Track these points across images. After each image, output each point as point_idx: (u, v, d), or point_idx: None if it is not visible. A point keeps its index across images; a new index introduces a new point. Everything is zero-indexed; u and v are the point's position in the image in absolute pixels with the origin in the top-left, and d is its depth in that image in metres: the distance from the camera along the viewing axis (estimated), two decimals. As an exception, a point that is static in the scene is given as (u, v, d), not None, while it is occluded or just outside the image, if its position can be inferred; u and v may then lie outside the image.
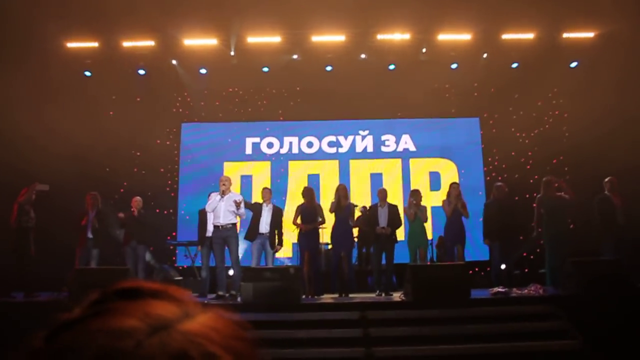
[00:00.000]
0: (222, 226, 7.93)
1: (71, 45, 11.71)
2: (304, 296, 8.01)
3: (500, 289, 7.52)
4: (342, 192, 8.82)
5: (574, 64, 12.26)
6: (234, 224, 8.07)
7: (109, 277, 6.61)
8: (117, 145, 12.05)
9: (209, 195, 8.53)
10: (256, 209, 8.76)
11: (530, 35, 11.67)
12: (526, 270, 11.00)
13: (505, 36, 11.69)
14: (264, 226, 8.64)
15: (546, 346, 5.82)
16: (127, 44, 11.75)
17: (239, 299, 7.12)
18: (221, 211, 7.86)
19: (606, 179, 8.85)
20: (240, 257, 8.39)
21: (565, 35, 11.66)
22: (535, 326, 6.20)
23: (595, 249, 8.88)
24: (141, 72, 12.38)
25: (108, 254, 9.65)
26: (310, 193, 8.86)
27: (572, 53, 12.03)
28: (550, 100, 12.87)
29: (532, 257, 11.59)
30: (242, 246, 8.84)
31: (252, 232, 8.63)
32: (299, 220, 8.70)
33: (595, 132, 10.92)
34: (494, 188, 9.20)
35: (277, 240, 8.75)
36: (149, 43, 11.83)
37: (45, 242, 8.92)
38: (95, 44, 11.77)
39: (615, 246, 8.48)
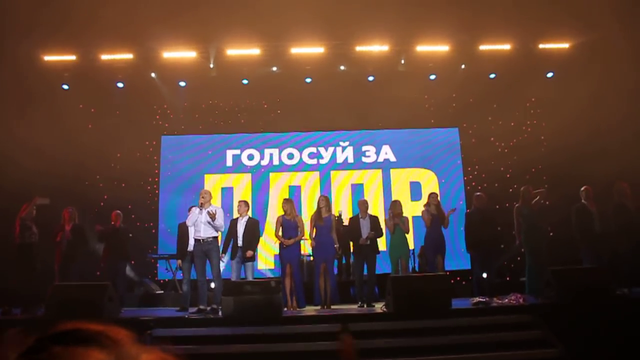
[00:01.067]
0: (203, 240, 7.91)
1: (48, 58, 11.63)
2: (285, 309, 8.00)
3: (481, 299, 7.56)
4: (323, 204, 8.83)
5: (550, 74, 12.45)
6: (215, 237, 8.04)
7: (87, 293, 6.54)
8: (96, 158, 11.94)
9: (190, 210, 8.51)
10: (232, 225, 8.75)
11: (507, 46, 11.83)
12: (507, 278, 11.09)
13: (483, 47, 11.84)
14: (239, 239, 8.62)
15: (527, 355, 5.85)
16: (105, 57, 11.69)
17: (220, 313, 7.07)
18: (201, 225, 7.83)
19: (582, 188, 8.97)
20: (221, 271, 8.35)
21: (541, 46, 11.85)
22: (515, 336, 6.23)
23: (574, 257, 8.98)
24: (120, 85, 12.31)
25: (87, 269, 9.55)
26: (290, 205, 8.86)
27: (548, 63, 12.21)
28: (528, 110, 13.04)
29: (512, 265, 11.68)
30: (224, 260, 8.79)
31: (234, 249, 8.60)
32: (280, 233, 8.69)
33: (572, 141, 11.08)
34: (474, 198, 9.28)
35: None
36: (128, 56, 11.78)
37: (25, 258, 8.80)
38: (73, 57, 11.70)
39: (594, 254, 8.59)
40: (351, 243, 9.21)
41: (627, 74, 10.35)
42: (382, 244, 9.36)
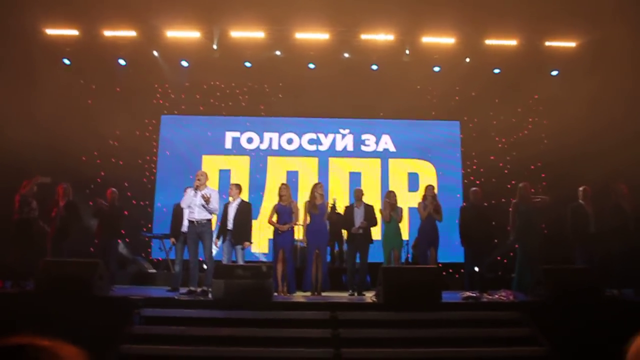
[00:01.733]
0: (196, 222, 7.90)
1: (51, 32, 11.53)
2: (276, 294, 8.01)
3: (471, 294, 7.56)
4: (318, 191, 8.81)
5: (554, 73, 12.39)
6: (209, 220, 8.03)
7: (77, 269, 6.53)
8: (94, 135, 11.87)
9: (185, 190, 8.48)
10: (225, 209, 8.73)
11: (513, 42, 11.75)
12: (499, 273, 11.11)
13: (489, 42, 11.76)
14: (229, 222, 8.61)
15: (514, 352, 5.86)
16: (108, 33, 11.60)
17: (210, 296, 7.07)
18: (195, 207, 7.82)
19: (580, 188, 8.95)
20: (214, 254, 8.35)
21: (547, 43, 11.77)
22: (504, 332, 6.24)
23: (567, 256, 8.98)
24: (122, 62, 12.23)
25: (81, 246, 9.54)
26: (286, 191, 8.84)
27: (553, 61, 12.15)
28: (530, 107, 12.98)
29: (505, 260, 11.68)
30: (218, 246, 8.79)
31: (224, 233, 8.60)
32: (274, 219, 8.68)
33: (573, 140, 11.04)
34: (470, 193, 9.27)
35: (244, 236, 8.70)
36: (131, 33, 11.69)
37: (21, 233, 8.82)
38: (76, 32, 11.60)
39: (587, 254, 8.59)
40: (344, 231, 9.21)
41: (632, 75, 10.28)
42: (376, 233, 9.35)
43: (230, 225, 8.61)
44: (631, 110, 10.35)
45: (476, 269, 8.87)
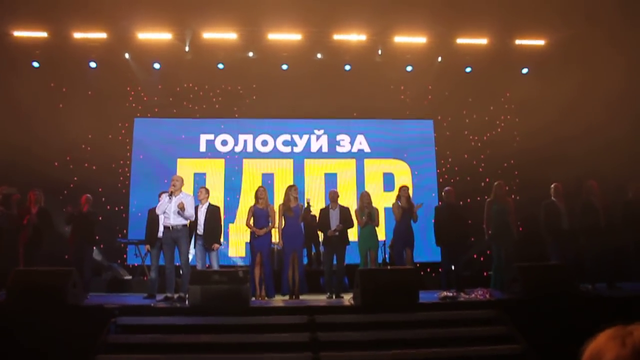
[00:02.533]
0: (172, 227, 7.82)
1: (18, 34, 11.33)
2: (254, 298, 7.98)
3: (448, 293, 7.62)
4: (293, 194, 8.79)
5: (525, 70, 12.56)
6: (185, 225, 7.95)
7: (50, 278, 6.42)
8: (66, 139, 11.69)
9: (160, 196, 8.39)
10: (195, 212, 8.67)
11: (483, 41, 11.89)
12: (476, 271, 11.22)
13: (460, 40, 11.89)
14: (200, 227, 8.56)
15: (491, 351, 5.91)
16: (78, 35, 11.44)
17: (187, 302, 7.01)
18: (171, 212, 7.74)
19: (552, 185, 9.09)
20: (190, 259, 8.29)
21: (517, 42, 11.93)
22: (481, 331, 6.30)
23: (542, 254, 9.11)
24: (92, 64, 12.06)
25: (55, 253, 9.40)
26: (263, 194, 8.79)
27: (523, 59, 12.33)
28: (502, 105, 13.13)
29: (482, 258, 11.81)
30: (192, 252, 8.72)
31: (195, 237, 8.54)
32: (251, 222, 8.64)
33: (544, 137, 11.21)
34: (444, 192, 9.33)
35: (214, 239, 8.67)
36: (101, 35, 11.54)
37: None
38: (45, 34, 11.42)
39: (560, 251, 8.73)
40: (320, 233, 9.20)
41: (602, 71, 10.46)
42: (352, 234, 9.36)
43: (200, 230, 8.56)
44: (602, 106, 10.54)
45: (452, 267, 8.94)
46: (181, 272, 8.13)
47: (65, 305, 6.29)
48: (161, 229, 8.26)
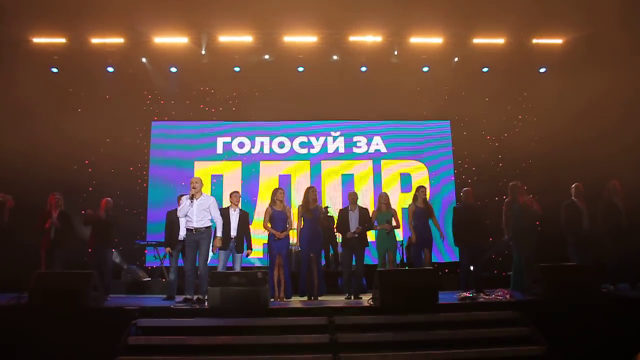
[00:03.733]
0: (195, 229, 7.77)
1: (38, 40, 11.46)
2: (272, 300, 7.98)
3: (467, 294, 7.57)
4: (311, 195, 8.78)
5: (542, 70, 12.44)
6: (208, 227, 7.88)
7: (71, 281, 6.47)
8: (85, 143, 11.81)
9: (179, 199, 8.38)
10: (224, 215, 8.65)
11: (500, 41, 11.81)
12: (495, 272, 11.13)
13: (476, 41, 11.82)
14: (232, 231, 8.57)
15: (513, 352, 5.85)
16: (95, 40, 11.56)
17: (206, 304, 7.03)
18: (194, 215, 7.71)
19: (573, 185, 8.98)
20: (209, 260, 8.29)
21: (534, 41, 11.83)
22: (502, 332, 6.23)
23: (562, 254, 9.00)
24: (110, 69, 12.18)
25: (74, 256, 9.48)
26: (280, 195, 8.78)
27: (541, 59, 12.22)
28: (519, 105, 13.03)
29: (500, 259, 11.72)
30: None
31: (225, 240, 8.50)
32: (269, 224, 8.63)
33: (563, 136, 11.09)
34: (462, 193, 9.26)
35: (245, 245, 8.71)
36: (118, 40, 11.64)
37: (9, 243, 8.75)
38: (63, 40, 11.54)
39: (581, 251, 8.62)
40: (338, 234, 9.18)
41: (621, 70, 10.35)
42: (370, 235, 9.34)
43: (234, 233, 8.58)
44: (622, 106, 10.42)
45: (471, 268, 8.87)
46: (198, 273, 8.09)
47: (86, 308, 6.34)
48: (182, 232, 8.24)
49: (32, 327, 5.93)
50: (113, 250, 9.35)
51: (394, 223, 8.91)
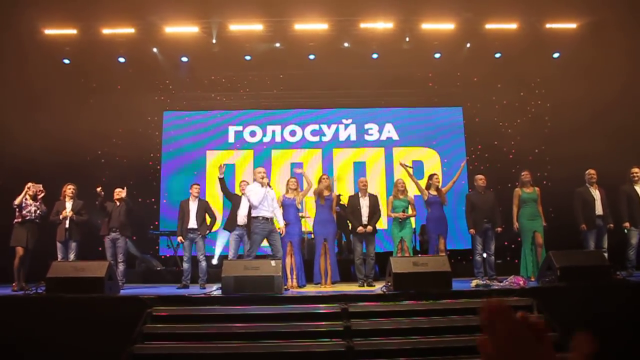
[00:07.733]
0: (269, 219, 7.82)
1: (49, 32, 11.49)
2: (286, 287, 8.02)
3: (481, 280, 7.56)
4: (325, 183, 8.80)
5: (556, 55, 12.29)
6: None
7: (87, 270, 6.55)
8: (97, 134, 11.86)
9: (241, 184, 8.48)
10: (235, 201, 8.69)
11: (513, 26, 11.65)
12: (508, 258, 11.10)
13: (489, 26, 11.65)
14: (242, 218, 8.60)
15: (526, 338, 5.84)
16: (106, 31, 11.55)
17: (220, 292, 7.07)
18: (268, 204, 7.75)
19: (586, 171, 8.93)
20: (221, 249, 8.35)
21: (547, 25, 11.65)
22: (515, 318, 6.22)
23: (576, 240, 8.96)
24: (121, 59, 12.20)
25: (89, 245, 9.56)
26: (294, 185, 8.80)
27: (554, 43, 12.03)
28: (532, 91, 12.90)
29: (513, 246, 11.66)
30: (223, 239, 8.78)
31: (231, 223, 8.57)
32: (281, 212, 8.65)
33: (577, 123, 10.95)
34: (475, 180, 9.24)
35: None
36: (129, 30, 11.63)
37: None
38: (74, 31, 11.55)
39: (596, 237, 8.59)
40: (349, 223, 9.20)
41: (637, 56, 10.20)
42: (381, 222, 9.33)
43: (243, 221, 8.64)
44: (634, 90, 10.28)
45: (484, 255, 8.87)
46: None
47: (102, 297, 6.41)
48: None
49: (48, 316, 6.00)
50: (127, 240, 9.41)
51: (410, 210, 8.92)
